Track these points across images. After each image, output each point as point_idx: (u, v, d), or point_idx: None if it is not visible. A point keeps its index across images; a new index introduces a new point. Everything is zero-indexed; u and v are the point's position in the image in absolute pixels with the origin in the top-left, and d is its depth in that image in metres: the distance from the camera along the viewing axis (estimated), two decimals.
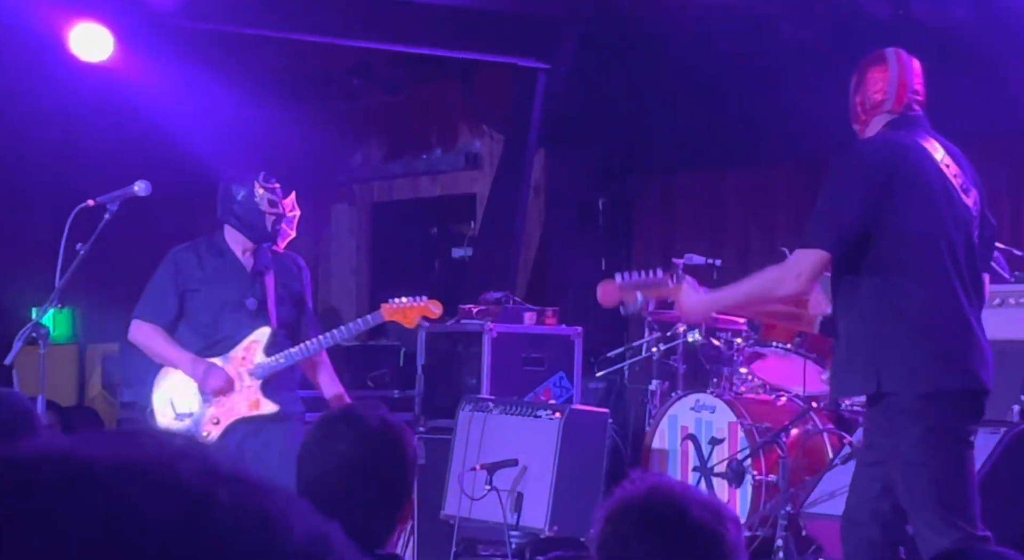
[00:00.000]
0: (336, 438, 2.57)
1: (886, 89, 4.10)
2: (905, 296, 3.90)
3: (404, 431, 2.64)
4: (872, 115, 4.10)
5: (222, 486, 0.76)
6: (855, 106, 4.14)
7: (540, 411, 6.18)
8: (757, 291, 4.10)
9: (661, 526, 2.09)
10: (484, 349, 7.00)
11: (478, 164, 9.85)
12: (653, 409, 6.73)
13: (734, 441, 6.14)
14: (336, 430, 2.59)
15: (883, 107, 4.10)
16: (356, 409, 2.70)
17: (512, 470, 5.99)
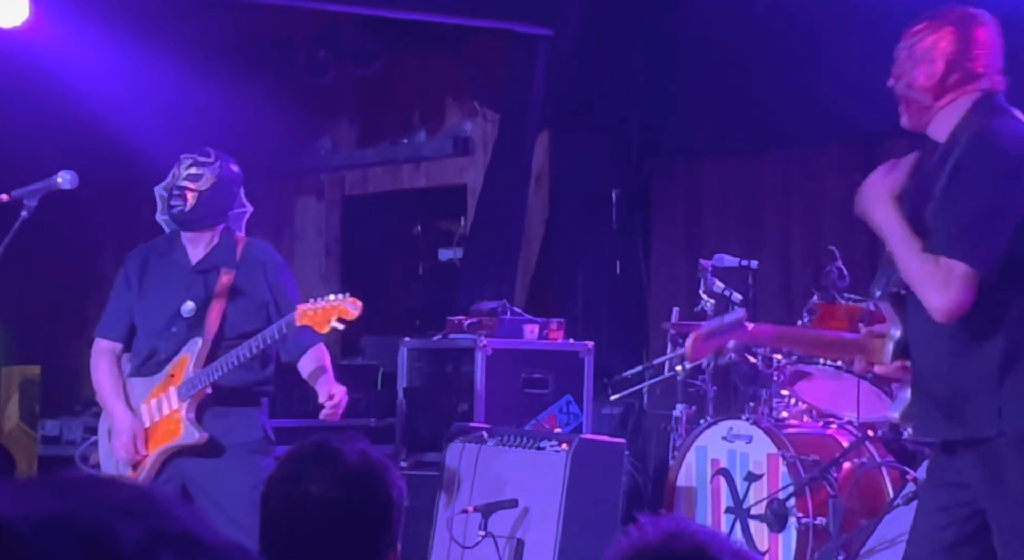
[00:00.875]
0: (308, 476, 2.57)
1: (988, 60, 3.95)
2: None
3: (388, 469, 2.64)
4: (961, 91, 3.93)
5: (167, 551, 0.79)
6: (934, 74, 3.93)
7: (544, 442, 6.18)
8: (906, 267, 3.86)
9: None
10: (477, 369, 7.04)
11: (469, 150, 9.88)
12: (678, 439, 6.73)
13: (775, 477, 6.14)
14: (308, 467, 2.59)
15: (979, 83, 3.93)
16: (332, 442, 2.67)
17: (511, 512, 5.99)
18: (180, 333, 5.47)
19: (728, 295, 6.80)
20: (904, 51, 3.97)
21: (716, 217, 8.82)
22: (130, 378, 5.57)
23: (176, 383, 5.43)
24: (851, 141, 8.03)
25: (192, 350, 5.42)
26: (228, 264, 5.54)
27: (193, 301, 5.49)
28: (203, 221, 5.55)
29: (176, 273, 5.55)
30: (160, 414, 5.44)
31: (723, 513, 6.25)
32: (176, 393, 5.41)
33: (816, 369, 6.35)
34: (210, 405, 5.42)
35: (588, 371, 7.20)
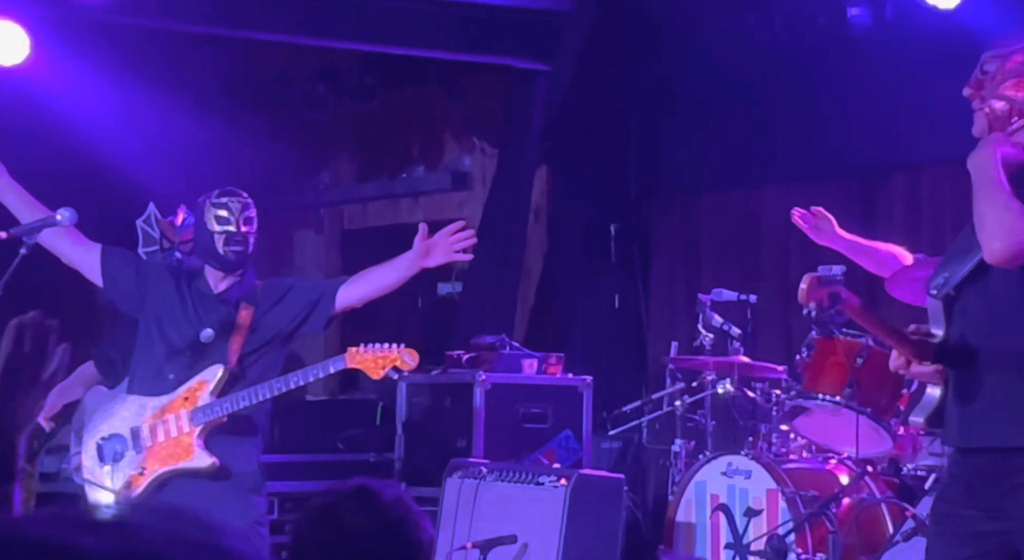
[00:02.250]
0: (347, 510, 2.65)
1: None
2: None
3: (421, 515, 2.71)
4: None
5: None
6: (1011, 94, 3.94)
7: (542, 477, 6.14)
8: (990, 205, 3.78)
9: None
10: (476, 403, 7.03)
11: (468, 184, 9.90)
12: (677, 474, 6.72)
13: (774, 513, 6.13)
14: (348, 502, 2.67)
15: None
16: (372, 483, 2.76)
17: (510, 548, 5.94)
18: (195, 359, 5.48)
19: (727, 329, 6.81)
20: (994, 62, 3.99)
21: (714, 252, 8.81)
22: (128, 395, 5.57)
23: (190, 407, 5.42)
24: (848, 177, 8.04)
25: (211, 377, 5.42)
26: (249, 300, 5.54)
27: (212, 329, 5.50)
28: (249, 261, 5.61)
29: (198, 300, 5.56)
30: (167, 435, 5.43)
31: (723, 549, 6.24)
32: (189, 416, 5.40)
33: (815, 404, 6.32)
34: (216, 432, 5.42)
35: (587, 406, 7.18)
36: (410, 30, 8.29)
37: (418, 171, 10.14)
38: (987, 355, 3.86)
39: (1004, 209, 3.77)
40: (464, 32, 8.40)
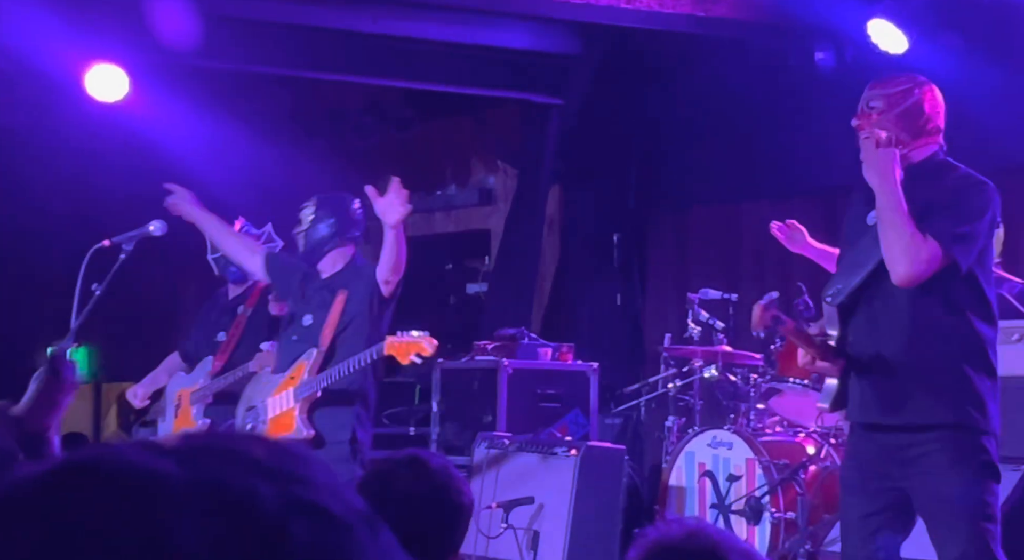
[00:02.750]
0: (399, 477, 2.59)
1: (942, 115, 4.03)
2: (985, 335, 3.90)
3: (464, 481, 2.66)
4: (923, 141, 4.01)
5: (300, 519, 0.70)
6: (901, 125, 3.98)
7: (556, 448, 6.16)
8: (897, 234, 3.84)
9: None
10: (499, 386, 6.99)
11: (492, 200, 9.89)
12: (670, 446, 6.70)
13: (752, 478, 6.11)
14: (400, 469, 2.61)
15: (937, 135, 4.02)
16: (421, 453, 2.71)
17: (528, 508, 5.97)
18: (300, 341, 5.42)
19: (712, 323, 6.78)
20: (882, 99, 4.01)
21: (701, 257, 8.78)
22: (270, 374, 5.55)
23: (293, 385, 5.36)
24: (813, 195, 8.03)
25: (308, 358, 5.36)
26: (345, 285, 5.45)
27: (311, 314, 5.43)
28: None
29: (309, 285, 5.50)
30: (279, 409, 5.39)
31: (708, 509, 6.20)
32: (293, 393, 5.35)
33: (786, 386, 6.34)
34: (314, 407, 5.34)
35: (593, 388, 7.15)
36: (444, 69, 8.32)
37: (450, 189, 10.13)
38: (882, 351, 3.91)
39: (907, 236, 3.80)
40: (490, 72, 8.40)
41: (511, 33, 7.92)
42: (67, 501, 0.68)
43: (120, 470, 0.70)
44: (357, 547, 0.72)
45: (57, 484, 0.69)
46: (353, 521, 0.72)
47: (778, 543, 5.87)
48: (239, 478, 0.70)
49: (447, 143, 10.08)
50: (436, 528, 2.54)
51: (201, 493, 0.69)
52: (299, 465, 0.74)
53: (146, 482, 0.69)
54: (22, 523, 0.68)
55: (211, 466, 0.71)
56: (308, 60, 8.00)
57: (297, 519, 0.70)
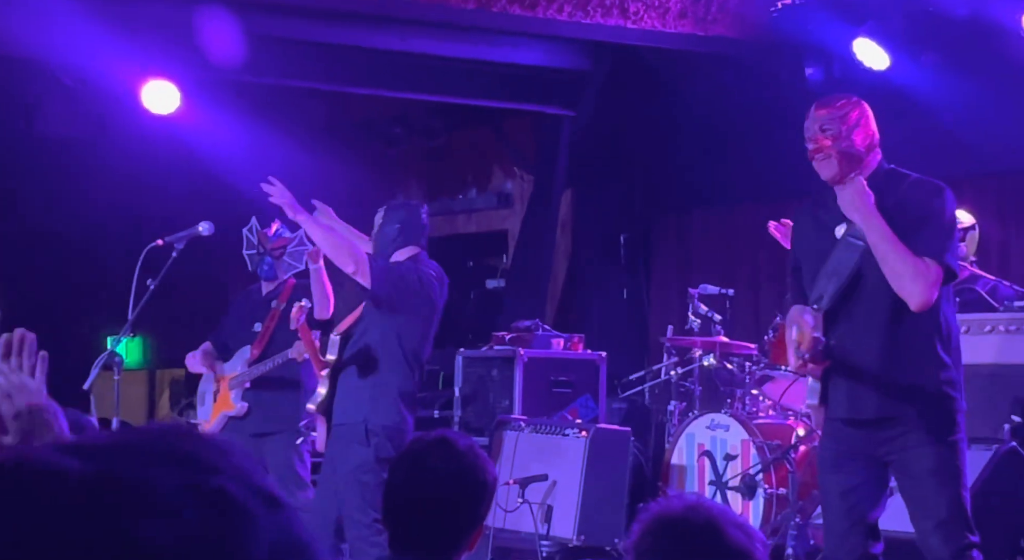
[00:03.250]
0: (429, 456, 2.58)
1: (875, 130, 4.06)
2: (954, 324, 3.95)
3: (488, 460, 2.64)
4: (872, 154, 4.03)
5: (196, 505, 0.69)
6: (857, 142, 4.00)
7: (568, 430, 6.15)
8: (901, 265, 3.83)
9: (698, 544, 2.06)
10: (516, 373, 6.97)
11: (510, 203, 9.86)
12: (672, 428, 6.69)
13: (747, 457, 6.09)
14: (430, 449, 2.60)
15: (878, 146, 4.05)
16: (449, 434, 2.70)
17: (542, 484, 5.97)
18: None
19: (710, 316, 6.75)
20: (835, 121, 4.00)
21: (701, 255, 8.77)
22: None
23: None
24: (802, 197, 8.01)
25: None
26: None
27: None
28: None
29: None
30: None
31: (707, 485, 6.18)
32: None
33: (778, 374, 6.31)
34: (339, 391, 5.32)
35: (602, 375, 7.13)
36: (466, 84, 8.31)
37: (471, 193, 10.11)
38: (868, 351, 3.91)
39: (911, 266, 3.80)
40: (508, 86, 8.40)
41: (527, 51, 7.93)
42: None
43: (27, 469, 0.70)
44: (251, 527, 0.70)
45: None
46: (250, 503, 0.71)
47: (771, 516, 5.87)
48: (136, 470, 0.70)
49: (468, 151, 10.05)
50: (463, 502, 2.53)
51: (96, 486, 0.68)
52: (211, 455, 0.72)
53: (47, 479, 0.69)
54: None
55: (112, 461, 0.70)
56: (341, 75, 8.00)
57: (193, 505, 0.69)
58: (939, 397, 3.87)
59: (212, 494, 0.70)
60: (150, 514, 0.68)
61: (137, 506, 0.68)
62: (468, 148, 10.03)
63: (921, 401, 3.88)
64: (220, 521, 0.69)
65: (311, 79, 8.06)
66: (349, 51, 7.67)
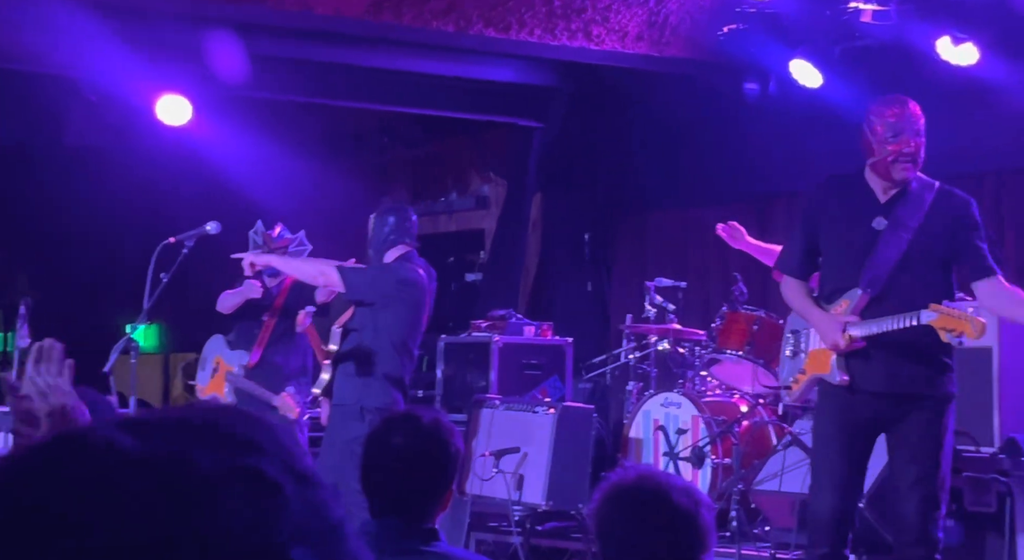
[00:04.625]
0: (395, 432, 2.53)
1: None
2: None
3: (453, 431, 2.57)
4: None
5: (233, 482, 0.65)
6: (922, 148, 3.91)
7: (538, 408, 6.14)
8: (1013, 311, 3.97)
9: (647, 509, 2.10)
10: (492, 357, 6.95)
11: (486, 205, 9.82)
12: (630, 406, 6.67)
13: (696, 431, 6.08)
14: (396, 425, 2.56)
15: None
16: (415, 410, 2.66)
17: (515, 456, 5.96)
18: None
19: (665, 306, 6.73)
20: (918, 125, 3.90)
21: (657, 252, 8.73)
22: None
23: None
24: (746, 201, 8.05)
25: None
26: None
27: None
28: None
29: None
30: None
31: (661, 456, 6.16)
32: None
33: (724, 357, 6.29)
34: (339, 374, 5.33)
35: (569, 359, 7.10)
36: (447, 99, 8.26)
37: (451, 196, 10.04)
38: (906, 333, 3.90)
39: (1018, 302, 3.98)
40: (484, 101, 8.35)
41: (501, 70, 7.91)
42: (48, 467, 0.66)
43: (90, 443, 0.67)
44: (282, 507, 0.66)
45: (44, 453, 0.67)
46: (283, 481, 0.66)
47: (717, 483, 5.87)
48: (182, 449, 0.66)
49: (449, 159, 10.01)
50: (429, 470, 2.50)
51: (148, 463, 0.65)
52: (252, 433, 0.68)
53: (107, 455, 0.66)
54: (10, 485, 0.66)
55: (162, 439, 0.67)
56: (335, 91, 7.96)
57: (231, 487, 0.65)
58: (950, 378, 3.93)
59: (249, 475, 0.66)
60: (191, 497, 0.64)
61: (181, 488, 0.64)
62: (449, 156, 9.99)
63: (940, 381, 3.93)
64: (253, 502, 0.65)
65: (308, 94, 8.03)
66: (342, 69, 7.65)
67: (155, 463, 0.65)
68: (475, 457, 6.03)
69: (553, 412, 6.03)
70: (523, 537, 5.81)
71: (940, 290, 3.92)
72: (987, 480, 4.95)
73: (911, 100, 4.01)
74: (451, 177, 10.12)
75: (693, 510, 2.10)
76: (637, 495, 2.11)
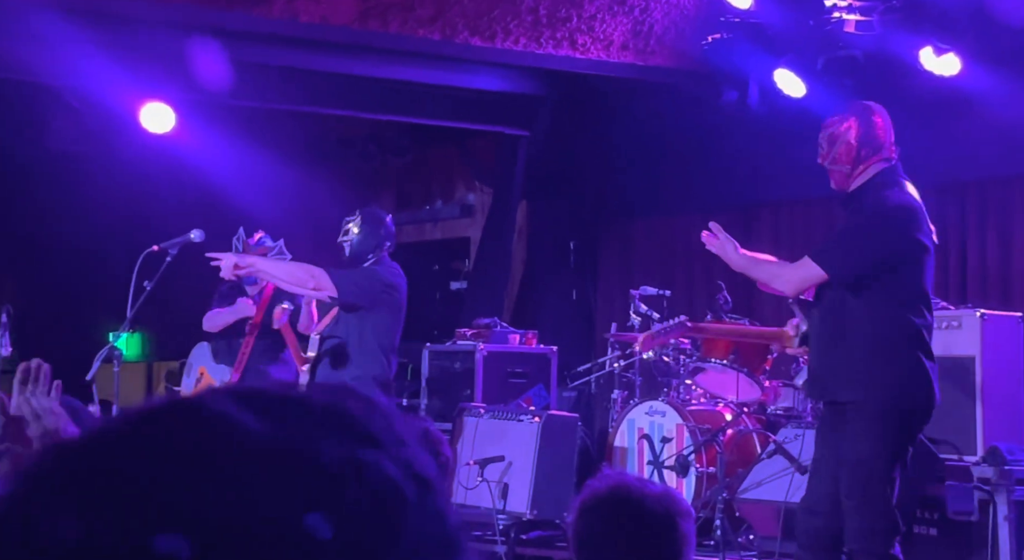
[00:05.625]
0: None
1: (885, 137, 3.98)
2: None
3: (442, 441, 2.56)
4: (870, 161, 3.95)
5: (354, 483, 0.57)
6: (850, 151, 3.90)
7: (522, 416, 6.13)
8: (768, 272, 4.03)
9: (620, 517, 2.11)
10: (477, 365, 6.94)
11: (472, 213, 9.82)
12: (615, 414, 6.67)
13: (681, 440, 6.09)
14: None
15: (883, 153, 3.96)
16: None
17: (499, 465, 5.95)
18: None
19: (650, 314, 6.68)
20: (825, 138, 3.95)
21: (642, 260, 8.75)
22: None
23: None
24: (733, 210, 8.07)
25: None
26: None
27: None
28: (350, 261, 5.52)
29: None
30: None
31: (646, 465, 6.15)
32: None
33: (709, 366, 6.29)
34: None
35: (554, 367, 7.09)
36: (433, 107, 8.27)
37: (437, 204, 10.05)
38: (823, 338, 3.95)
39: (778, 266, 3.99)
40: (470, 109, 8.36)
41: (487, 78, 7.93)
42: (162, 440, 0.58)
43: (206, 416, 0.59)
44: (403, 515, 0.59)
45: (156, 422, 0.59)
46: (405, 486, 0.60)
47: (702, 492, 5.88)
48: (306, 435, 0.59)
49: (435, 167, 10.00)
50: None
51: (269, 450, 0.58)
52: (375, 423, 0.61)
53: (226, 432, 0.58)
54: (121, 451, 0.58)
55: (285, 421, 0.59)
56: (321, 99, 7.96)
57: (352, 484, 0.57)
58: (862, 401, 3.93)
59: (370, 472, 0.58)
60: (315, 492, 0.57)
61: (304, 481, 0.57)
62: (435, 164, 9.99)
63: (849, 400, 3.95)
64: (373, 505, 0.58)
65: (293, 102, 8.02)
66: (328, 77, 7.65)
67: (279, 451, 0.57)
68: (459, 466, 6.01)
69: (538, 421, 6.02)
70: (507, 546, 5.79)
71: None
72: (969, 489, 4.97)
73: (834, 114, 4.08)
74: (436, 185, 10.12)
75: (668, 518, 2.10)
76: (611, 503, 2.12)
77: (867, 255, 3.88)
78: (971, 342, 5.30)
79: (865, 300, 3.86)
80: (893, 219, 3.91)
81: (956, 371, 5.15)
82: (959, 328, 5.35)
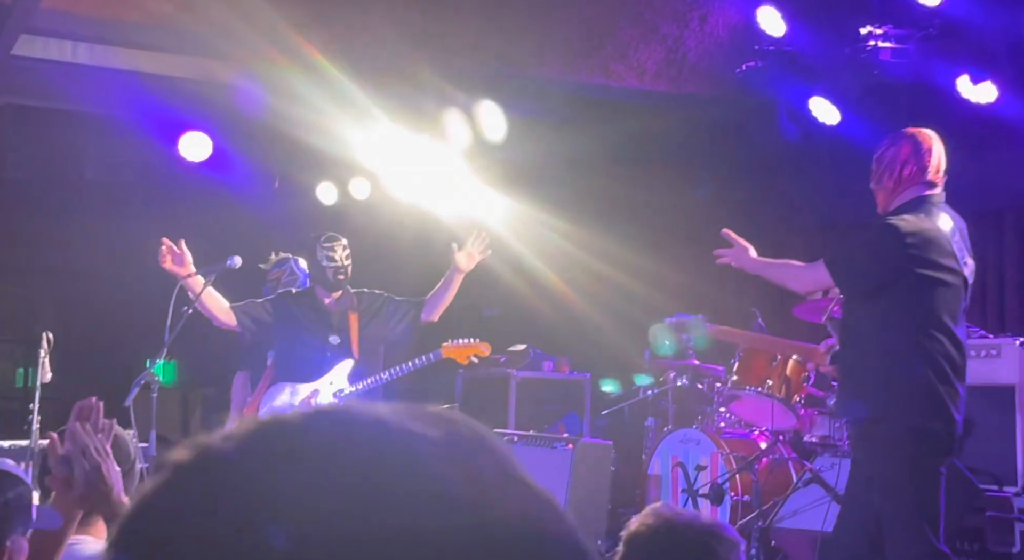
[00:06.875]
0: None
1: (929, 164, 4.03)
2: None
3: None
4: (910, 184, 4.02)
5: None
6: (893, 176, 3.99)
7: (556, 443, 6.13)
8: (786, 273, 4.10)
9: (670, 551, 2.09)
10: (510, 391, 6.95)
11: None
12: (649, 442, 6.67)
13: (715, 468, 6.09)
14: None
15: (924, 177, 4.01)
16: None
17: None
18: (331, 355, 5.39)
19: (688, 341, 6.71)
20: (874, 160, 4.02)
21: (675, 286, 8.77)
22: (283, 383, 5.48)
23: (335, 389, 5.32)
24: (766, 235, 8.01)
25: (345, 367, 5.32)
26: (352, 308, 5.45)
27: (337, 335, 5.40)
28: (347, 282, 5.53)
29: (315, 313, 5.47)
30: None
31: (680, 493, 6.17)
32: (332, 395, 5.33)
33: (744, 393, 6.26)
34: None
35: (587, 394, 7.11)
36: None
37: None
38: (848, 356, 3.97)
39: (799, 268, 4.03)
40: None
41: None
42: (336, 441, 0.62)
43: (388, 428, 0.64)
44: (563, 522, 0.64)
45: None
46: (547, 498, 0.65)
47: (736, 520, 5.84)
48: (470, 450, 0.64)
49: None
50: None
51: (447, 456, 0.62)
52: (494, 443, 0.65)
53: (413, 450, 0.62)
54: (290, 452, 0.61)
55: (457, 432, 0.64)
56: None
57: (508, 492, 0.62)
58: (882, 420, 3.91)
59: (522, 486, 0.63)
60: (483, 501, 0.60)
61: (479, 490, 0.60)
62: None
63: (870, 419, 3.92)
64: (532, 514, 0.62)
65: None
66: None
67: (456, 451, 0.62)
68: None
69: (571, 447, 6.02)
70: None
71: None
72: (1010, 520, 4.89)
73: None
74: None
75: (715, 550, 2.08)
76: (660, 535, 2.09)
77: (869, 270, 3.91)
78: (1011, 370, 5.23)
79: (878, 322, 3.87)
80: (899, 241, 3.88)
81: (996, 400, 5.08)
82: (998, 357, 5.29)
